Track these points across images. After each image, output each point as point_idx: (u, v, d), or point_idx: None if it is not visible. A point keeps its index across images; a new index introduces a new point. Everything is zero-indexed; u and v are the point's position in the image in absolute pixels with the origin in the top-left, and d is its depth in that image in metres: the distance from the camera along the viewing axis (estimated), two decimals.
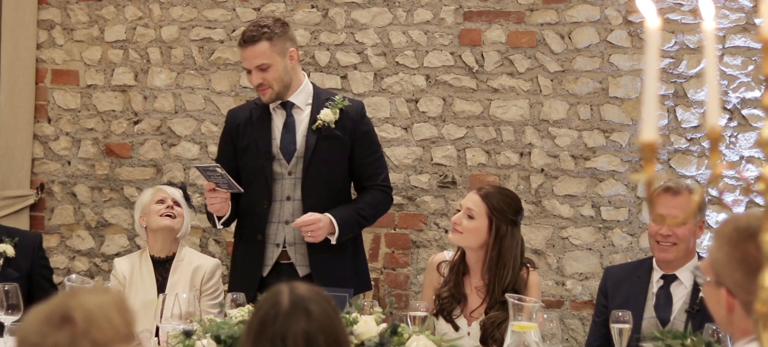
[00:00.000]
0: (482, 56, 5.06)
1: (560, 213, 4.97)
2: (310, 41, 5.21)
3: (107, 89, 5.42)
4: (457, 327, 3.72)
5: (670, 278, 3.77)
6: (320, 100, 3.99)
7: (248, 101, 4.45)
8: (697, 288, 3.63)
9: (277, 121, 3.99)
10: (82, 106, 5.44)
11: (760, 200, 3.01)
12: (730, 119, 4.80)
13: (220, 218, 3.98)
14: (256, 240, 3.95)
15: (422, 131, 5.10)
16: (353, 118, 3.98)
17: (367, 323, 3.03)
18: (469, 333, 3.70)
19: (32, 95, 5.45)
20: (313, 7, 5.23)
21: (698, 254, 3.80)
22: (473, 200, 3.76)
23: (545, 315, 3.24)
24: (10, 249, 4.16)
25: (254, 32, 3.91)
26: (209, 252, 5.14)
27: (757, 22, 4.72)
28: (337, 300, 2.32)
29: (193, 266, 4.10)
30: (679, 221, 3.70)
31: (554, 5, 4.99)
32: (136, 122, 5.39)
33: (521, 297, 3.16)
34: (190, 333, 3.12)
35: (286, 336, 1.91)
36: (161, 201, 4.16)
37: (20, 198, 5.37)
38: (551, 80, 4.99)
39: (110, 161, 5.40)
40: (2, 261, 4.13)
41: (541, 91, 5.00)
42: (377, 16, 5.16)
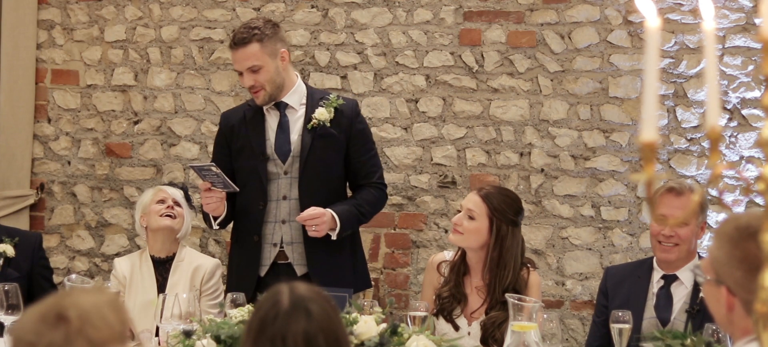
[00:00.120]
0: (482, 56, 5.06)
1: (560, 214, 4.96)
2: (310, 41, 5.21)
3: (107, 89, 5.42)
4: (457, 327, 3.71)
5: (670, 278, 3.77)
6: (314, 99, 3.99)
7: (242, 103, 4.46)
8: (697, 289, 3.63)
9: (270, 121, 3.99)
10: (82, 106, 5.44)
11: (760, 200, 3.00)
12: (730, 119, 4.80)
13: (216, 218, 3.98)
14: (251, 241, 3.95)
15: (422, 131, 5.10)
16: (348, 116, 3.98)
17: (367, 323, 3.03)
18: (469, 333, 3.70)
19: (32, 95, 5.45)
20: (313, 7, 5.23)
21: (699, 254, 3.80)
22: (474, 201, 3.75)
23: (545, 315, 3.24)
24: (10, 249, 4.15)
25: (244, 34, 3.90)
26: (209, 252, 5.14)
27: (757, 22, 4.72)
28: (337, 300, 2.32)
29: (193, 266, 4.11)
30: (680, 221, 3.70)
31: (554, 5, 4.99)
32: (136, 122, 5.39)
33: (521, 297, 3.15)
34: (190, 333, 3.13)
35: (286, 336, 1.91)
36: (162, 202, 4.16)
37: (20, 198, 5.37)
38: (551, 80, 4.99)
39: (110, 161, 5.40)
40: (2, 261, 4.12)
41: (541, 91, 5.00)
42: (377, 16, 5.16)
